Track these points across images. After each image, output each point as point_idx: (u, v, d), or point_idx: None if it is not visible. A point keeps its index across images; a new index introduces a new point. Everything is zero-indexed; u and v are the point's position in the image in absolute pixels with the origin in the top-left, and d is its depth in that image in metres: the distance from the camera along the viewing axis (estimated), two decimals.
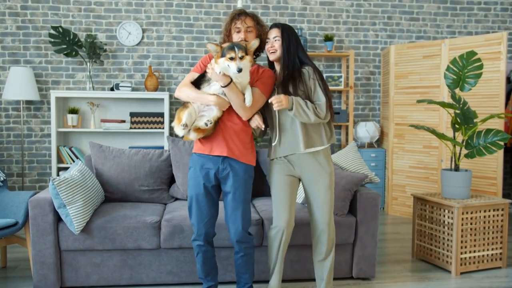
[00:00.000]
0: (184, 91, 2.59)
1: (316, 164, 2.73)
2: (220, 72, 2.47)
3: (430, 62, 5.05)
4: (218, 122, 2.60)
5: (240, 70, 2.40)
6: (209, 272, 2.79)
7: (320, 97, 2.64)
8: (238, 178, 2.63)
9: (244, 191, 2.65)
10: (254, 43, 2.51)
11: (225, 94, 2.53)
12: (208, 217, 2.66)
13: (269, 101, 2.54)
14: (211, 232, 2.71)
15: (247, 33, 2.60)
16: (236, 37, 2.61)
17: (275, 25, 2.70)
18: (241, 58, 2.43)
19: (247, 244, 2.71)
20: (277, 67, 2.76)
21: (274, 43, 2.66)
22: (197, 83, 2.60)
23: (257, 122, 2.63)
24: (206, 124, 2.53)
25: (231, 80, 2.49)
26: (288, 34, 2.66)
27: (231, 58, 2.41)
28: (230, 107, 2.59)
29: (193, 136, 2.60)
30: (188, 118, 2.52)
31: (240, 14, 2.62)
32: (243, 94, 2.54)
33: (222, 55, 2.44)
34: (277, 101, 2.49)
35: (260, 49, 2.73)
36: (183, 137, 2.62)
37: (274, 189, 2.78)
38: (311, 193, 2.77)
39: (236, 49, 2.42)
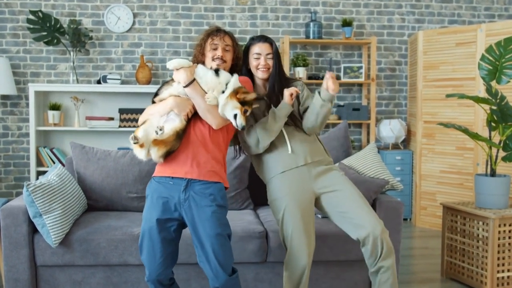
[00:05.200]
0: (143, 113, 2.67)
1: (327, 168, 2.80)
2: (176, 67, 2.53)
3: (465, 51, 5.01)
4: (182, 136, 2.54)
5: (243, 128, 2.51)
6: None
7: None
8: (205, 211, 2.48)
9: (214, 225, 2.48)
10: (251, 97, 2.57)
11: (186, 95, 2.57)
12: (162, 258, 2.53)
13: (327, 76, 2.59)
14: (165, 276, 2.57)
15: (225, 51, 2.67)
16: (211, 55, 2.66)
17: (266, 40, 2.76)
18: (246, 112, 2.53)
19: (232, 286, 2.54)
20: (260, 81, 2.80)
21: (268, 60, 2.73)
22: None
23: (290, 89, 2.63)
24: (157, 132, 2.48)
25: (194, 79, 2.52)
26: (277, 50, 2.77)
27: (244, 111, 2.49)
28: (197, 116, 2.57)
29: (153, 153, 2.52)
30: (144, 135, 2.52)
31: (219, 31, 2.69)
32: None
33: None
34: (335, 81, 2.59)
35: (236, 66, 2.77)
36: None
37: (286, 216, 2.69)
38: (336, 194, 2.71)
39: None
